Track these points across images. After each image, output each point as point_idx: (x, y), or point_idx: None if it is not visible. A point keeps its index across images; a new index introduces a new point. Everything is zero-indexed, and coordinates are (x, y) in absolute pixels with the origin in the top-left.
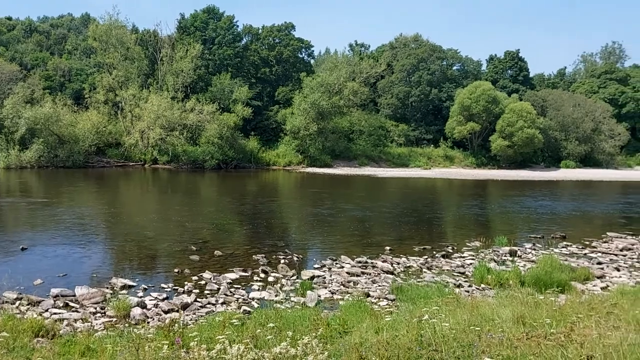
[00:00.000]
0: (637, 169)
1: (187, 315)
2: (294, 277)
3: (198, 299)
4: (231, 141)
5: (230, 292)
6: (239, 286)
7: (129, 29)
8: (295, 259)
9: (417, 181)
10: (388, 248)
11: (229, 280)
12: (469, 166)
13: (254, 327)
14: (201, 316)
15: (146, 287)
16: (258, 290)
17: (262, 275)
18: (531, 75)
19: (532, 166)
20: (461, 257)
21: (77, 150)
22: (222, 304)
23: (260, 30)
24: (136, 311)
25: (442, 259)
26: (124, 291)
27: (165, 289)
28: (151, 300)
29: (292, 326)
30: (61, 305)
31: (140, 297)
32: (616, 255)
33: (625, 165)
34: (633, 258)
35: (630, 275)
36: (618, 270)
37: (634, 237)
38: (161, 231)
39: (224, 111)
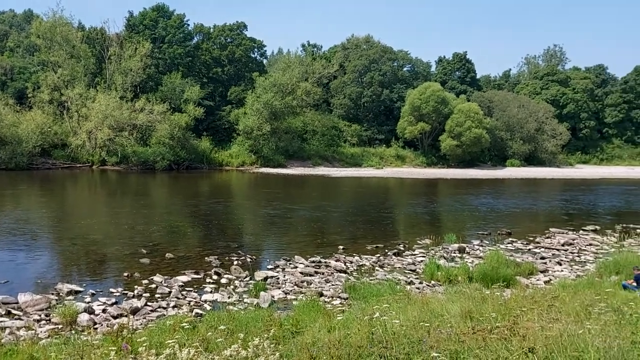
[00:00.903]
0: (578, 167)
1: (137, 320)
2: (247, 278)
3: (148, 303)
4: (183, 141)
5: (182, 295)
6: (191, 289)
7: (74, 26)
8: (248, 260)
9: (369, 181)
10: (341, 247)
11: (180, 283)
12: (419, 165)
13: (205, 330)
14: (152, 320)
15: (94, 292)
16: (210, 292)
17: (215, 277)
18: (478, 76)
19: (480, 165)
20: (412, 254)
21: (20, 152)
22: (174, 307)
23: (211, 30)
24: (83, 317)
25: (394, 257)
26: (71, 297)
27: (114, 294)
28: (99, 305)
29: (244, 328)
30: (3, 313)
31: (88, 302)
32: (558, 250)
33: (567, 164)
34: (574, 252)
35: (571, 269)
36: (560, 264)
37: (574, 233)
38: (110, 234)
39: (175, 111)
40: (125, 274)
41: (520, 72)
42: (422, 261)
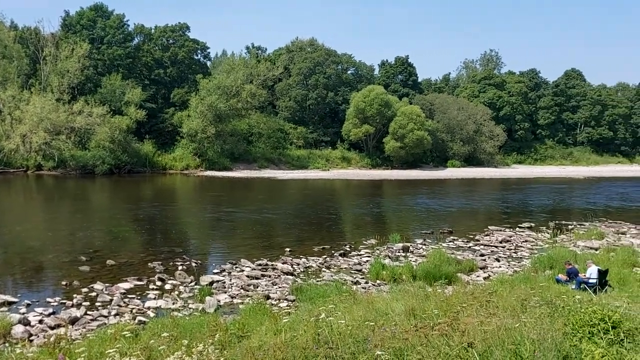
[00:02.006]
0: (514, 167)
1: (76, 330)
2: (193, 284)
3: (88, 312)
4: (124, 145)
5: (124, 302)
6: (133, 296)
7: (6, 25)
8: (193, 264)
9: (316, 182)
10: (288, 249)
11: (122, 291)
12: (365, 167)
13: (148, 338)
14: (92, 330)
15: (29, 302)
16: (154, 299)
17: (159, 283)
18: (419, 80)
19: (422, 166)
20: (358, 255)
21: None
22: (115, 315)
23: (153, 31)
24: (18, 329)
25: (340, 258)
26: (4, 308)
27: (52, 304)
28: (35, 316)
29: (189, 334)
30: None
31: (23, 313)
32: (496, 247)
33: (504, 164)
34: (511, 249)
35: (509, 265)
36: (498, 260)
37: (511, 230)
38: (47, 241)
39: (116, 114)
40: (64, 283)
41: (459, 76)
42: (367, 261)
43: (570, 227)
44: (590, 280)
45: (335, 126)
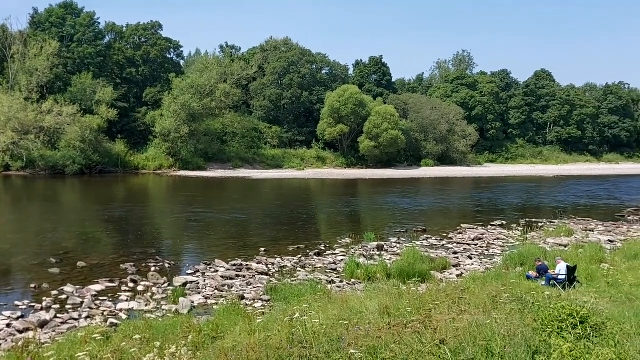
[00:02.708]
0: (486, 165)
1: (45, 333)
2: (166, 285)
3: (58, 315)
4: (95, 145)
5: (96, 304)
6: (105, 298)
7: None
8: (167, 265)
9: (291, 182)
10: (263, 249)
11: (94, 293)
12: (340, 166)
13: (119, 341)
14: (62, 333)
15: None
16: (126, 300)
17: (131, 284)
18: (393, 80)
19: (397, 165)
20: (333, 254)
21: None
22: (86, 318)
23: (124, 29)
24: None
25: (315, 257)
26: None
27: (20, 307)
28: (3, 320)
29: (161, 336)
30: None
31: None
32: (469, 244)
33: (476, 163)
34: (483, 247)
35: (481, 263)
36: (471, 258)
37: (483, 228)
38: (16, 243)
39: (87, 113)
40: (33, 286)
41: (432, 76)
42: (342, 260)
43: (540, 224)
44: (560, 277)
45: (310, 126)
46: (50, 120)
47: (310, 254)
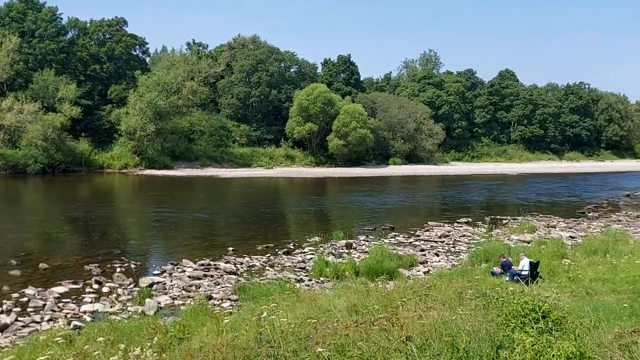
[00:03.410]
0: (452, 164)
1: (5, 337)
2: (132, 286)
3: (19, 318)
4: (58, 143)
5: (59, 307)
6: (68, 300)
7: None
8: (132, 266)
9: (260, 181)
10: (231, 249)
11: (56, 295)
12: (308, 165)
13: (83, 344)
14: (23, 337)
15: None
16: (91, 302)
17: (96, 286)
18: (362, 78)
19: (365, 163)
20: (302, 252)
21: None
22: (49, 321)
23: (88, 25)
24: None
25: (284, 256)
26: None
27: None
28: None
29: (127, 338)
30: None
31: None
32: (436, 242)
33: (443, 161)
34: (449, 244)
35: (447, 259)
36: (437, 255)
37: (450, 225)
38: None
39: (49, 111)
40: None
41: (400, 75)
42: (311, 259)
43: (504, 221)
44: (523, 272)
45: (279, 124)
46: (10, 118)
47: (279, 252)
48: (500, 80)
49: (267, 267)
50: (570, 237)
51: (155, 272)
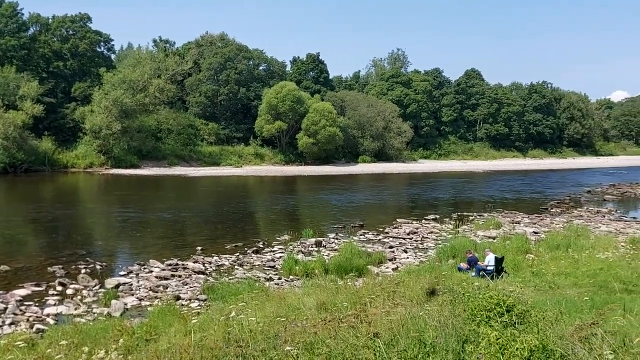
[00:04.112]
0: (420, 162)
1: None
2: (97, 287)
3: None
4: (20, 142)
5: (21, 310)
6: (31, 303)
7: None
8: (98, 267)
9: (229, 180)
10: (200, 248)
11: (18, 298)
12: (278, 163)
13: (45, 347)
14: None
15: None
16: (54, 305)
17: (60, 288)
18: (331, 77)
19: (335, 162)
20: (271, 251)
21: None
22: (10, 324)
23: (50, 21)
24: None
25: (253, 255)
26: None
27: None
28: None
29: (91, 340)
30: None
31: None
32: (404, 239)
33: (411, 159)
34: (418, 240)
35: (416, 256)
36: (406, 252)
37: (418, 222)
38: None
39: (10, 108)
40: None
41: (368, 74)
42: (280, 257)
43: (471, 218)
44: (488, 268)
45: (248, 122)
46: None
47: (248, 251)
48: (466, 79)
49: (236, 267)
50: (534, 232)
51: (122, 272)
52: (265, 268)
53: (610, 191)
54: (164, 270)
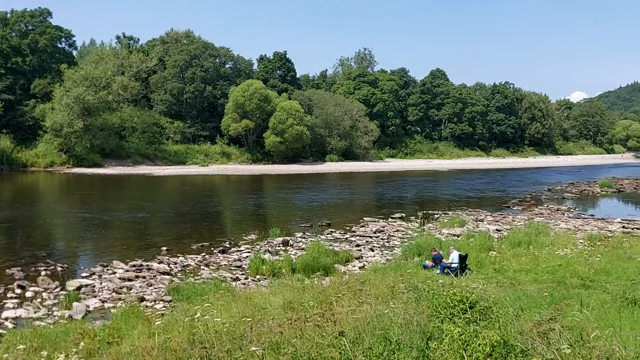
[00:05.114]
0: (387, 160)
1: None
2: (58, 289)
3: None
4: None
5: None
6: None
7: None
8: (59, 269)
9: (195, 178)
10: (165, 248)
11: None
12: (245, 162)
13: (2, 352)
14: None
15: None
16: (13, 308)
17: (18, 290)
18: (298, 75)
19: (302, 160)
20: (238, 251)
21: None
22: None
23: (9, 15)
24: None
25: (219, 255)
26: None
27: None
28: None
29: (51, 344)
30: None
31: None
32: (371, 237)
33: (378, 158)
34: (384, 239)
35: (382, 254)
36: (372, 250)
37: (384, 220)
38: None
39: None
40: None
41: (335, 73)
42: (247, 257)
43: (436, 216)
44: (453, 265)
45: (214, 121)
46: None
47: (214, 251)
48: (431, 79)
49: (202, 267)
50: (497, 230)
51: (84, 274)
52: (232, 268)
53: (569, 189)
54: (127, 271)
